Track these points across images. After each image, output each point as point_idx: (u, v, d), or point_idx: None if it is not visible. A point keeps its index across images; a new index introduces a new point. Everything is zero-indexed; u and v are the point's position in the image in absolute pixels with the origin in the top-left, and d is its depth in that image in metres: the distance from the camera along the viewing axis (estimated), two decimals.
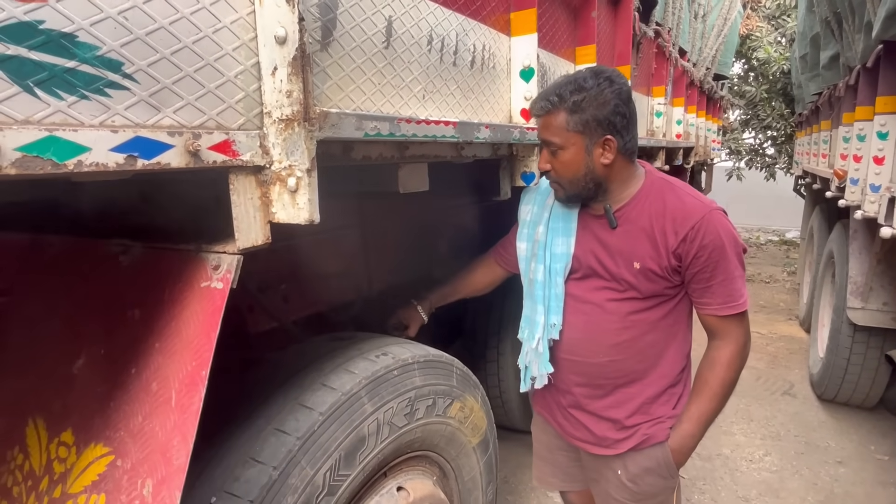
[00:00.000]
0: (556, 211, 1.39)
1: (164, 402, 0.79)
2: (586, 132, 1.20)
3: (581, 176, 1.25)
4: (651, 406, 1.36)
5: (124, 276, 0.92)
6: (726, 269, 1.22)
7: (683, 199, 1.25)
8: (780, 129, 8.56)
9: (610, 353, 1.33)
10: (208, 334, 0.77)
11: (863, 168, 2.70)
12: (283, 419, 1.10)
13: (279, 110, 0.78)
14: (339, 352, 1.31)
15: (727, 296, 1.25)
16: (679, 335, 1.35)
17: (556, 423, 1.52)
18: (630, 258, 1.27)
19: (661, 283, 1.26)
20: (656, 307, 1.30)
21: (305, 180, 0.79)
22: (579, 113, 1.19)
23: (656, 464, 1.36)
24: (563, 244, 1.36)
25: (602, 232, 1.31)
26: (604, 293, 1.32)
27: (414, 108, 1.13)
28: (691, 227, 1.20)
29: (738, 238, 1.25)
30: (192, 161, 0.70)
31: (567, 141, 1.22)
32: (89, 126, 0.60)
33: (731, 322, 1.28)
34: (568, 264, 1.35)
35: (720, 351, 1.30)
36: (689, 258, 1.22)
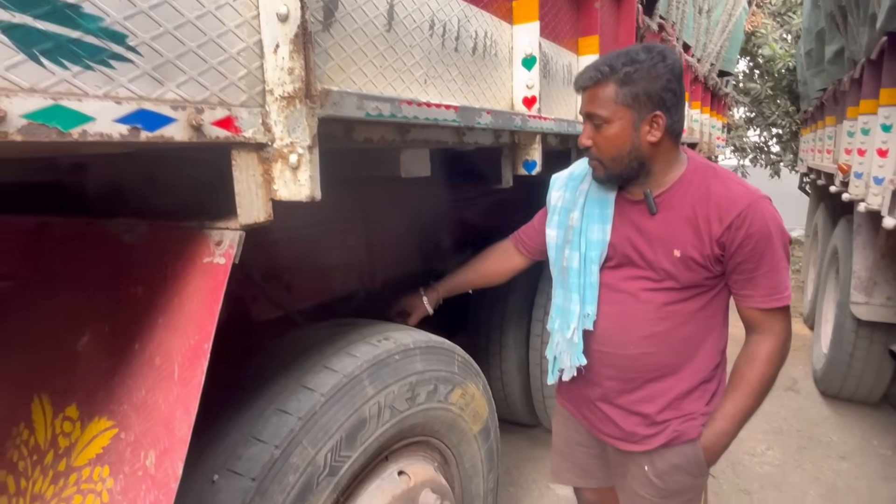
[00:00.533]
0: (591, 196, 1.33)
1: (167, 376, 0.80)
2: (635, 106, 1.15)
3: (625, 153, 1.18)
4: (683, 402, 1.30)
5: (128, 254, 0.93)
6: (772, 259, 1.17)
7: (729, 185, 1.19)
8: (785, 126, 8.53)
9: (642, 344, 1.28)
10: (210, 309, 0.78)
11: (867, 161, 2.69)
12: (284, 400, 1.11)
13: (281, 87, 0.79)
14: (340, 336, 1.32)
15: (771, 288, 1.19)
16: (716, 329, 1.30)
17: (583, 416, 1.47)
18: (670, 246, 1.21)
19: (702, 272, 1.21)
20: (693, 298, 1.25)
21: (307, 157, 0.79)
22: (630, 85, 1.13)
23: (686, 461, 1.31)
24: (598, 231, 1.30)
25: (640, 218, 1.26)
26: (639, 282, 1.27)
27: (415, 92, 1.14)
28: (737, 215, 1.15)
29: (784, 228, 1.19)
30: (194, 136, 0.71)
31: (614, 114, 1.16)
32: (94, 96, 0.61)
33: (773, 316, 1.22)
34: (604, 252, 1.30)
35: (760, 346, 1.24)
36: (734, 247, 1.16)
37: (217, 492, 0.99)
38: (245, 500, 0.98)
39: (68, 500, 0.84)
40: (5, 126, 0.53)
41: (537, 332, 2.69)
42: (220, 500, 0.98)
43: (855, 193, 2.84)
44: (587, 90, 1.19)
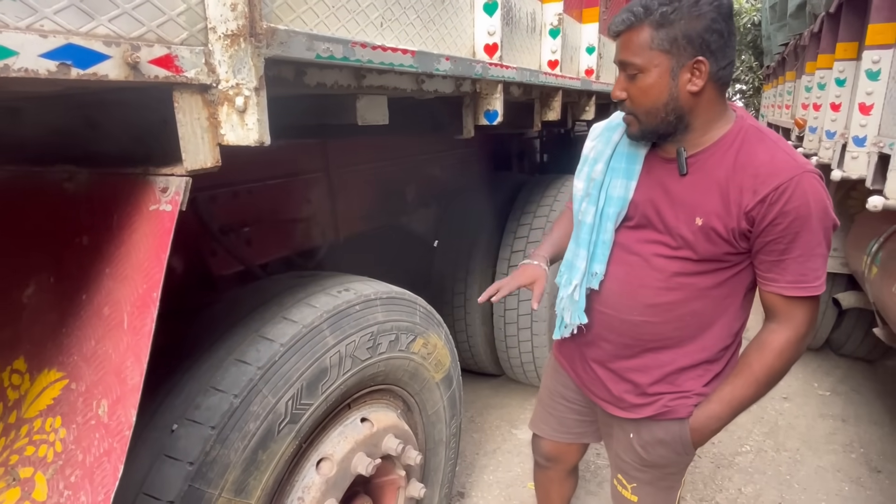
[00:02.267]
0: (620, 150, 1.23)
1: (117, 326, 0.79)
2: (674, 51, 1.02)
3: (661, 105, 1.07)
4: (679, 377, 1.23)
5: (71, 203, 0.90)
6: (808, 243, 1.03)
7: (775, 153, 1.06)
8: (748, 81, 8.63)
9: (646, 313, 1.20)
10: (158, 256, 0.76)
11: (821, 116, 2.76)
12: (243, 350, 1.11)
13: (224, 25, 0.75)
14: (300, 287, 1.31)
15: (800, 274, 1.06)
16: (731, 311, 1.19)
17: (575, 373, 1.43)
18: (693, 212, 1.10)
19: (723, 246, 1.10)
20: (709, 273, 1.14)
21: (254, 99, 0.77)
22: (667, 27, 1.01)
23: (672, 438, 1.25)
24: (621, 187, 1.20)
25: (668, 178, 1.15)
26: (654, 247, 1.18)
27: (371, 35, 1.10)
28: (775, 188, 1.02)
29: (830, 210, 1.05)
30: (131, 74, 0.67)
31: (650, 62, 1.04)
32: (15, 28, 0.57)
33: (797, 305, 1.10)
34: (623, 210, 1.20)
35: (775, 335, 1.13)
36: (765, 224, 1.04)
37: (177, 440, 1.00)
38: (205, 447, 1.00)
39: (20, 451, 0.83)
40: None
41: None
42: (180, 447, 0.99)
43: (809, 148, 2.92)
44: (620, 36, 1.08)
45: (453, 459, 1.91)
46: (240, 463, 1.04)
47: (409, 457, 1.50)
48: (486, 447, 2.70)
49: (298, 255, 2.18)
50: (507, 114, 1.66)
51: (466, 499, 2.35)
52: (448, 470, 1.88)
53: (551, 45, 2.01)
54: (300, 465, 1.24)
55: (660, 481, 1.34)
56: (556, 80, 2.01)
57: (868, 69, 1.86)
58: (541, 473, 1.71)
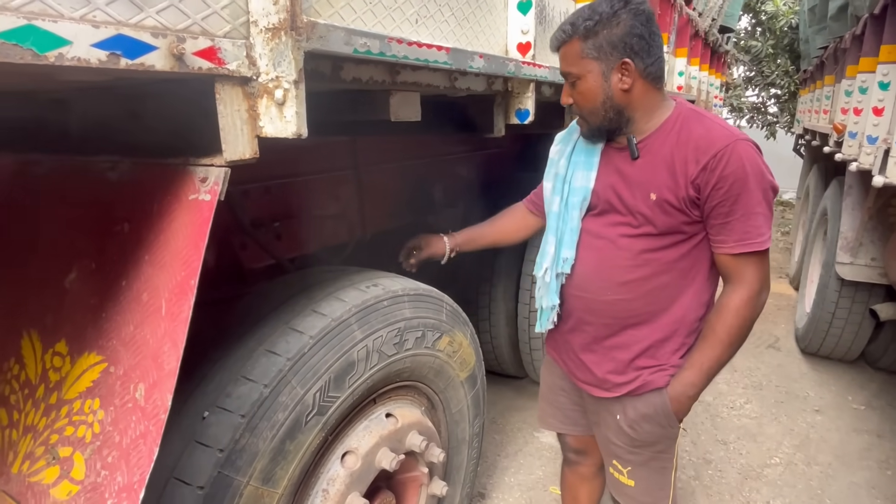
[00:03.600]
0: (579, 146, 1.35)
1: (155, 311, 0.81)
2: (601, 57, 1.16)
3: (600, 104, 1.20)
4: (658, 351, 1.31)
5: (113, 191, 0.92)
6: (747, 202, 1.14)
7: (710, 127, 1.18)
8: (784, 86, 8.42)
9: (619, 291, 1.28)
10: (196, 245, 0.78)
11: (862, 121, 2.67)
12: (274, 341, 1.12)
13: (266, 19, 0.77)
14: (329, 282, 1.32)
15: (743, 232, 1.16)
16: (697, 280, 1.28)
17: (563, 362, 1.50)
18: (647, 189, 1.21)
19: (678, 216, 1.19)
20: (672, 247, 1.24)
21: (293, 92, 0.78)
22: (592, 38, 1.15)
23: (654, 411, 1.32)
24: (582, 178, 1.32)
25: (623, 164, 1.26)
26: (619, 228, 1.27)
27: (406, 32, 1.10)
28: (713, 156, 1.13)
29: (766, 173, 1.15)
30: (176, 65, 0.69)
31: (583, 69, 1.18)
32: (69, 19, 0.59)
33: (746, 263, 1.19)
34: (586, 199, 1.31)
35: (731, 296, 1.22)
36: (709, 189, 1.14)
37: (208, 427, 1.02)
38: (235, 435, 1.01)
39: (60, 431, 0.86)
40: None
41: (526, 286, 2.72)
42: (211, 434, 1.01)
43: (848, 153, 2.83)
44: (559, 51, 1.22)
45: (475, 459, 1.90)
46: (268, 452, 1.05)
47: (433, 454, 1.50)
48: (508, 449, 2.69)
49: (326, 251, 2.20)
50: (538, 113, 1.65)
51: (487, 500, 2.34)
52: (470, 470, 1.87)
53: None
54: (325, 457, 1.25)
55: (652, 461, 1.39)
56: None
57: None
58: (570, 472, 1.73)
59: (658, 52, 1.20)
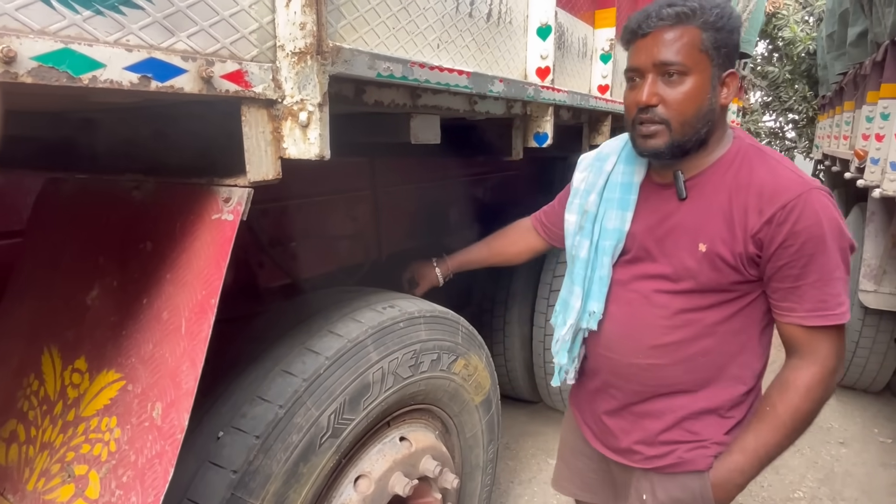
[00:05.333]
0: (613, 179, 1.16)
1: (174, 330, 0.81)
2: (716, 60, 0.96)
3: (701, 115, 0.98)
4: (696, 424, 1.11)
5: (137, 210, 0.93)
6: (824, 266, 0.94)
7: (777, 171, 0.98)
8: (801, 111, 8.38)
9: (652, 355, 1.10)
10: (218, 264, 0.78)
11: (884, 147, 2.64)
12: (290, 362, 1.12)
13: (292, 43, 0.78)
14: (346, 302, 1.32)
15: (819, 301, 0.96)
16: (747, 348, 1.08)
17: (586, 425, 1.32)
18: (695, 238, 1.02)
19: (730, 274, 1.01)
20: (716, 307, 1.05)
21: (317, 115, 0.79)
22: (715, 33, 0.94)
23: (691, 497, 1.11)
24: (616, 218, 1.13)
25: (666, 205, 1.07)
26: (654, 282, 1.09)
27: (428, 56, 1.12)
28: (781, 207, 0.94)
29: (844, 229, 0.96)
30: (204, 88, 0.70)
31: (697, 64, 0.95)
32: (104, 42, 0.61)
33: (820, 336, 0.99)
34: (620, 243, 1.12)
35: (799, 372, 1.01)
36: (774, 246, 0.95)
37: (222, 447, 1.01)
38: (249, 456, 1.00)
39: (77, 449, 0.86)
40: (15, 67, 0.53)
41: (542, 309, 2.69)
42: (225, 455, 1.00)
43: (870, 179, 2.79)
44: (658, 32, 0.97)
45: (489, 486, 1.87)
46: (281, 474, 1.04)
47: (447, 480, 1.47)
48: (522, 476, 2.64)
49: (342, 271, 2.21)
50: (556, 137, 1.66)
51: None
52: (483, 497, 1.84)
53: (602, 70, 2.00)
54: (339, 480, 1.23)
55: None
56: (607, 105, 2.00)
57: None
58: None
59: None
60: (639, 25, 0.99)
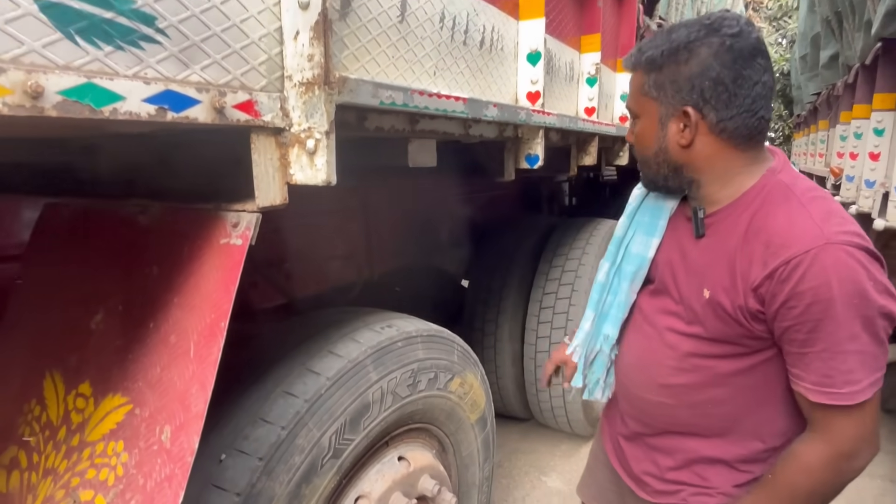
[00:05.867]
0: (646, 202, 1.11)
1: (183, 354, 0.82)
2: (661, 98, 0.92)
3: (651, 155, 0.97)
4: (706, 469, 1.04)
5: (142, 235, 0.95)
6: (832, 335, 0.81)
7: (795, 217, 0.85)
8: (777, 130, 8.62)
9: (661, 392, 1.05)
10: (227, 288, 0.80)
11: (859, 165, 2.74)
12: (291, 382, 1.13)
13: (300, 73, 0.81)
14: (344, 322, 1.34)
15: (824, 375, 0.84)
16: (771, 405, 0.97)
17: (609, 440, 1.29)
18: (702, 281, 0.95)
19: (734, 326, 0.91)
20: (728, 358, 0.95)
21: (324, 142, 0.81)
22: (655, 72, 0.92)
23: None
24: (641, 243, 1.09)
25: (687, 240, 1.01)
26: (667, 319, 1.04)
27: (425, 83, 1.15)
28: (785, 262, 0.82)
29: (869, 294, 0.80)
30: (217, 118, 0.72)
31: (642, 107, 0.96)
32: (124, 76, 0.63)
33: (830, 414, 0.85)
34: (641, 270, 1.09)
35: (807, 446, 0.90)
36: (777, 305, 0.84)
37: (224, 470, 1.01)
38: (252, 479, 1.01)
39: (82, 474, 0.86)
40: (42, 101, 0.55)
41: (532, 326, 2.72)
42: (228, 478, 1.00)
43: (847, 196, 2.89)
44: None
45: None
46: (284, 496, 1.04)
47: (444, 499, 1.47)
48: (515, 494, 2.63)
49: (335, 291, 2.22)
50: (546, 158, 1.70)
51: None
52: None
53: (588, 93, 2.06)
54: (339, 501, 1.24)
55: None
56: (593, 127, 2.06)
57: None
58: None
59: (745, 102, 0.88)
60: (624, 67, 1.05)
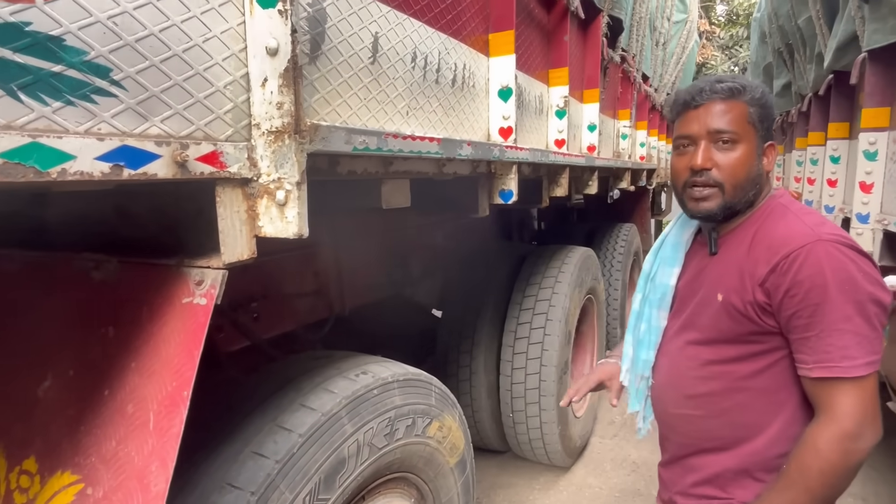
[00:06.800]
0: (668, 238, 1.26)
1: (141, 426, 0.75)
2: (760, 131, 1.06)
3: (751, 179, 1.07)
4: (730, 484, 1.11)
5: (97, 292, 0.88)
6: (828, 316, 0.94)
7: (791, 224, 1.03)
8: None
9: (687, 405, 1.14)
10: (190, 352, 0.74)
11: (816, 190, 2.84)
12: (261, 441, 1.05)
13: (269, 122, 0.77)
14: (317, 370, 1.27)
15: (822, 352, 0.95)
16: (788, 407, 1.05)
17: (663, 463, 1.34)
18: (716, 288, 1.09)
19: (745, 323, 1.04)
20: (746, 360, 1.06)
21: (295, 193, 0.77)
22: (757, 108, 1.05)
23: None
24: (665, 274, 1.22)
25: (702, 260, 1.16)
26: (687, 333, 1.15)
27: (398, 123, 1.13)
28: (785, 256, 0.98)
29: (859, 280, 0.95)
30: (179, 172, 0.67)
31: (746, 133, 1.05)
32: (74, 133, 0.58)
33: (832, 391, 0.95)
34: (665, 297, 1.21)
35: (814, 428, 0.98)
36: (780, 295, 0.98)
37: None
38: None
39: None
40: None
41: (507, 357, 2.68)
42: None
43: None
44: (711, 104, 1.06)
45: None
46: None
47: None
48: None
49: (305, 329, 2.14)
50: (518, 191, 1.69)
51: None
52: None
53: (558, 126, 2.08)
54: None
55: None
56: (565, 159, 2.07)
57: (865, 150, 1.93)
58: None
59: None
60: (692, 97, 1.08)
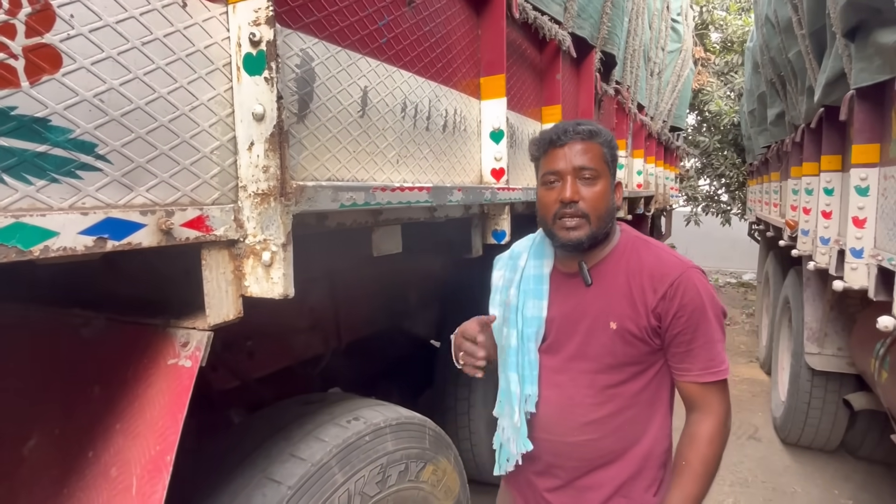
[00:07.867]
0: (526, 273, 1.31)
1: (124, 490, 0.74)
2: (611, 169, 1.19)
3: (610, 211, 1.19)
4: (632, 489, 1.22)
5: (84, 349, 0.88)
6: (707, 331, 1.14)
7: (660, 255, 1.20)
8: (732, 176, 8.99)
9: (586, 431, 1.21)
10: (174, 416, 0.74)
11: (812, 220, 2.84)
12: (249, 495, 1.04)
13: (255, 184, 0.78)
14: (308, 417, 1.26)
15: (708, 360, 1.15)
16: (660, 411, 1.23)
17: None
18: (606, 318, 1.17)
19: (640, 346, 1.17)
20: (634, 379, 1.19)
21: (281, 255, 0.78)
22: (608, 149, 1.18)
23: None
24: (534, 307, 1.26)
25: (575, 292, 1.22)
26: (577, 363, 1.21)
27: (388, 173, 1.14)
28: (670, 285, 1.13)
29: (717, 299, 1.17)
30: (164, 239, 0.68)
31: (603, 171, 1.17)
32: (58, 210, 0.59)
33: (712, 391, 1.17)
34: (540, 329, 1.25)
35: (700, 425, 1.17)
36: (670, 317, 1.14)
37: None
38: None
39: None
40: None
41: None
42: None
43: (803, 249, 2.98)
44: (573, 144, 1.16)
45: None
46: None
47: None
48: None
49: (300, 365, 2.13)
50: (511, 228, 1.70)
51: None
52: None
53: None
54: None
55: None
56: None
57: (857, 185, 1.94)
58: None
59: None
60: (558, 137, 1.18)
